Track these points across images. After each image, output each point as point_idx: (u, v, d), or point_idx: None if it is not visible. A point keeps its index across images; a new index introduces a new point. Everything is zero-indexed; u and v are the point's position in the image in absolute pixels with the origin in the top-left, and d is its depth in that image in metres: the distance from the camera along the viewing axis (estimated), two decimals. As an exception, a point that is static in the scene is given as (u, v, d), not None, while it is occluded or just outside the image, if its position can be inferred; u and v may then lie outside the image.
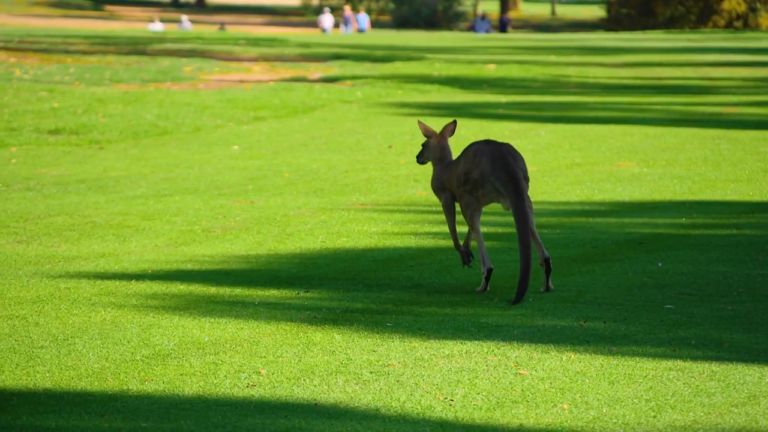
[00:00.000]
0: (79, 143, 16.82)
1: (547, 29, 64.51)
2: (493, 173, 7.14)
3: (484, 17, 58.89)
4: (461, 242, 7.55)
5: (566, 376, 5.53)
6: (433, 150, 7.63)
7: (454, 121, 7.71)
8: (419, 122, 7.76)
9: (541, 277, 7.30)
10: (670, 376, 5.54)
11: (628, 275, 7.61)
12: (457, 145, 7.96)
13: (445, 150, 7.60)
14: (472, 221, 7.27)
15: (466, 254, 7.49)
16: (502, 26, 60.73)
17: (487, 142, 7.33)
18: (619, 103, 21.61)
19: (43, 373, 5.53)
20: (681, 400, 5.24)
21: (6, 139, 16.81)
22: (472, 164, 7.22)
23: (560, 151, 14.54)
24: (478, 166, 7.19)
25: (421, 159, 7.71)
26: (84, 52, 33.95)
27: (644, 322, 6.46)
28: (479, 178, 7.17)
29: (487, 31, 57.10)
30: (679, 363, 5.73)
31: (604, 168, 12.89)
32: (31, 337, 6.13)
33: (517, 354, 5.87)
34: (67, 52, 34.04)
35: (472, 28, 59.59)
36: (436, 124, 18.52)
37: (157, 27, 52.30)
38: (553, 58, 33.99)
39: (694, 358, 5.80)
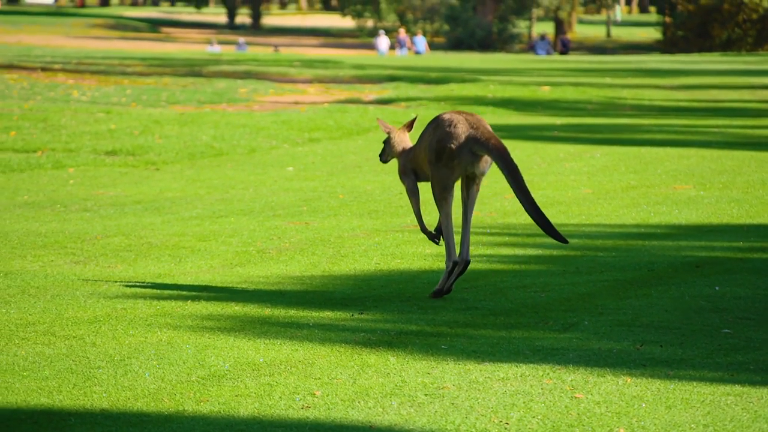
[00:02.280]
0: (135, 164, 16.95)
1: (602, 51, 64.33)
2: (471, 137, 7.28)
3: (543, 38, 58.85)
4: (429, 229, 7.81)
5: (622, 401, 5.49)
6: (394, 145, 7.83)
7: (414, 118, 7.93)
8: (378, 119, 7.99)
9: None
10: (728, 401, 5.48)
11: (685, 299, 7.55)
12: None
13: (404, 141, 7.82)
14: (446, 203, 7.43)
15: (433, 235, 7.73)
16: (563, 47, 60.62)
17: (458, 112, 7.45)
18: (676, 126, 21.48)
19: (100, 394, 5.56)
20: (739, 426, 5.18)
21: (64, 160, 16.97)
22: (444, 133, 7.32)
23: (616, 174, 14.47)
24: (452, 134, 7.29)
25: (383, 157, 7.93)
26: (141, 74, 34.23)
27: (701, 346, 6.41)
28: (456, 144, 7.27)
29: (547, 52, 57.09)
30: (737, 388, 5.67)
31: (660, 191, 12.82)
32: (88, 358, 6.17)
33: (572, 377, 5.84)
34: (124, 73, 34.34)
35: (532, 49, 59.57)
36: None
37: (215, 49, 52.68)
38: (608, 80, 33.86)
39: (753, 383, 5.74)
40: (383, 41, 57.02)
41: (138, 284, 8.19)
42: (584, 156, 16.61)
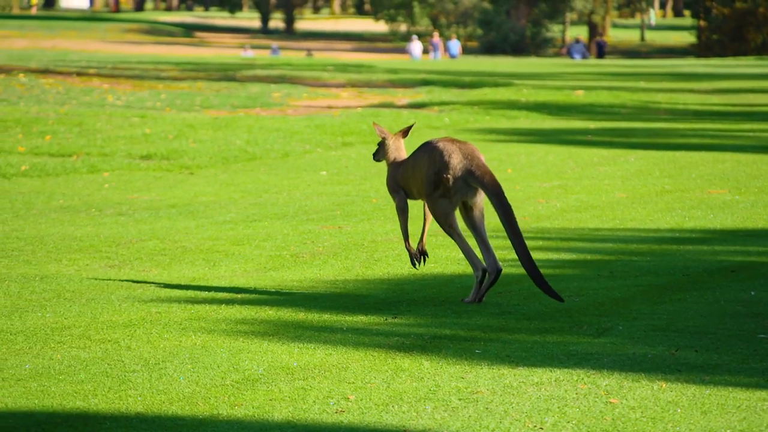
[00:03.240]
0: (170, 168, 17.01)
1: (636, 55, 64.11)
2: (466, 169, 7.38)
3: (578, 41, 58.79)
4: (414, 245, 7.91)
5: (657, 406, 5.47)
6: (388, 150, 7.94)
7: (412, 125, 8.11)
8: (374, 124, 8.06)
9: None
10: (764, 407, 5.45)
11: (720, 304, 7.51)
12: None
13: (399, 150, 7.93)
14: (452, 228, 7.53)
15: (416, 256, 7.83)
16: (599, 50, 60.48)
17: (451, 140, 7.55)
18: (710, 130, 21.38)
19: (135, 397, 5.59)
20: (775, 432, 5.15)
21: (99, 165, 17.06)
22: (440, 164, 7.43)
23: (650, 178, 14.42)
24: (447, 164, 7.40)
25: (377, 157, 8.04)
26: (175, 79, 34.37)
27: (737, 351, 6.37)
28: (452, 176, 7.38)
29: (583, 55, 57.02)
30: (773, 393, 5.63)
31: (695, 195, 12.76)
32: (123, 361, 6.19)
33: (607, 382, 5.81)
34: (159, 78, 34.49)
35: (568, 53, 59.54)
36: (524, 150, 18.49)
37: (249, 54, 52.87)
38: (642, 84, 33.74)
39: (789, 389, 5.70)
40: (416, 46, 57.05)
41: (172, 288, 8.22)
42: (618, 160, 16.55)
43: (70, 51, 51.95)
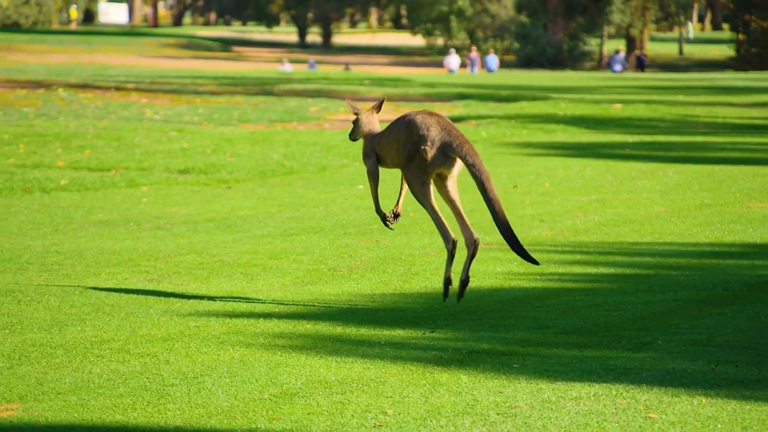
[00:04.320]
0: (207, 182, 17.08)
1: (674, 68, 63.86)
2: (444, 140, 7.48)
3: (618, 52, 58.70)
4: (387, 211, 8.15)
5: (697, 421, 5.43)
6: (363, 125, 8.04)
7: (383, 99, 8.17)
8: (347, 100, 8.28)
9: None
10: (806, 423, 5.40)
11: (761, 318, 7.46)
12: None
13: (373, 124, 8.03)
14: (427, 198, 7.64)
15: (389, 218, 7.97)
16: (639, 64, 60.31)
17: (429, 113, 7.65)
18: (749, 144, 21.26)
19: (174, 411, 5.60)
20: (817, 448, 5.10)
21: (137, 179, 17.14)
22: (418, 137, 7.53)
23: (689, 192, 14.35)
24: (425, 137, 7.50)
25: (352, 136, 8.13)
26: (213, 93, 34.52)
27: (777, 366, 6.32)
28: (430, 147, 7.47)
29: (623, 67, 56.90)
30: (815, 409, 5.58)
31: (734, 209, 12.68)
32: (162, 375, 6.21)
33: (646, 397, 5.78)
34: (197, 92, 34.65)
35: (608, 65, 59.47)
36: (562, 164, 18.44)
37: (287, 68, 53.05)
38: (680, 97, 33.61)
39: (831, 405, 5.65)
40: (454, 60, 57.07)
41: (210, 302, 8.24)
42: (657, 174, 16.48)
43: (109, 66, 52.28)
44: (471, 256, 7.68)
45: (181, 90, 35.37)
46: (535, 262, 7.50)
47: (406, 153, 7.58)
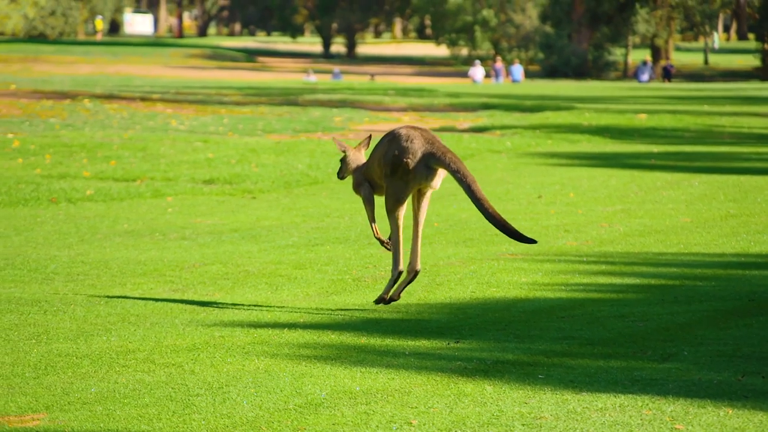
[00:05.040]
0: (232, 193, 17.11)
1: (699, 78, 63.68)
2: (427, 152, 7.64)
3: (646, 62, 58.58)
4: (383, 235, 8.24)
5: (724, 433, 5.41)
6: (350, 162, 8.21)
7: (369, 136, 8.32)
8: (334, 139, 8.36)
9: None
10: (833, 435, 5.37)
11: (787, 329, 7.42)
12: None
13: (359, 159, 8.20)
14: (396, 217, 7.83)
15: (383, 241, 8.11)
16: (666, 74, 60.15)
17: (413, 127, 7.80)
18: (775, 153, 21.17)
19: (199, 421, 5.61)
20: None
21: (162, 189, 17.20)
22: (401, 148, 7.67)
23: (714, 202, 14.30)
24: (408, 149, 7.65)
25: (341, 174, 8.31)
26: (237, 103, 34.61)
27: (804, 377, 6.28)
28: (412, 159, 7.63)
29: (650, 77, 56.79)
30: (842, 421, 5.55)
31: (760, 219, 12.63)
32: (187, 385, 6.22)
33: (672, 408, 5.76)
34: (222, 103, 34.74)
35: (635, 76, 59.39)
36: (587, 174, 18.39)
37: (312, 79, 53.19)
38: (706, 107, 33.52)
39: None
40: (479, 71, 57.06)
41: (235, 312, 8.26)
42: (682, 184, 16.44)
43: (134, 76, 52.48)
44: (408, 282, 7.98)
45: (206, 100, 35.47)
46: (533, 241, 7.75)
47: (389, 165, 7.73)
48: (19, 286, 9.48)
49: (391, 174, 7.73)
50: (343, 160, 8.24)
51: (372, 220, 8.13)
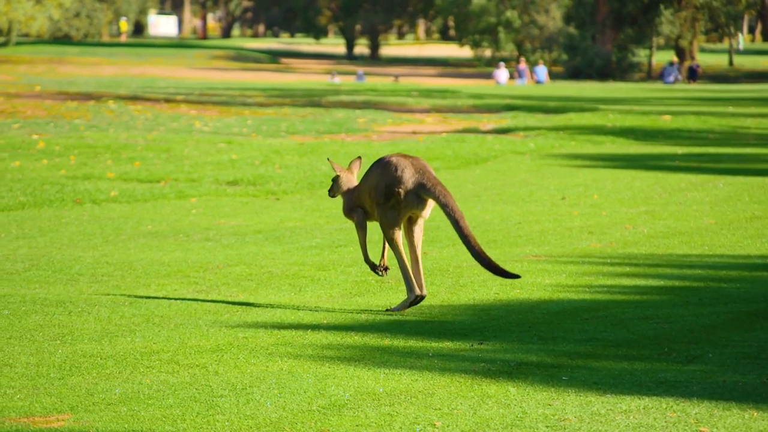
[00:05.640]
0: (256, 194, 17.14)
1: (724, 80, 63.46)
2: (418, 182, 7.79)
3: (672, 63, 58.40)
4: (378, 261, 8.35)
5: (748, 435, 5.39)
6: (342, 183, 8.41)
7: (359, 158, 8.54)
8: (329, 160, 8.63)
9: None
10: None
11: (812, 332, 7.39)
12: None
13: (351, 182, 8.40)
14: (396, 243, 7.94)
15: (375, 267, 8.22)
16: (692, 74, 59.91)
17: (404, 156, 7.96)
18: (800, 154, 21.08)
19: (223, 422, 5.62)
20: None
21: (186, 190, 17.24)
22: (392, 178, 7.84)
23: (739, 204, 14.25)
24: (400, 178, 7.82)
25: (332, 193, 8.50)
26: (261, 105, 34.65)
27: (830, 380, 6.25)
28: (404, 188, 7.79)
29: (675, 78, 56.59)
30: None
31: (785, 221, 12.58)
32: (211, 386, 6.24)
33: (697, 411, 5.74)
34: (245, 104, 34.80)
35: (661, 77, 59.21)
36: (611, 176, 18.34)
37: (336, 80, 53.27)
38: (731, 109, 33.40)
39: None
40: (502, 73, 56.98)
41: (259, 313, 8.27)
42: (707, 186, 16.38)
43: (159, 78, 52.62)
44: (411, 304, 8.07)
45: (230, 102, 35.53)
46: (517, 276, 7.93)
47: (381, 194, 7.88)
48: (44, 286, 9.52)
49: (384, 202, 7.88)
50: (336, 180, 8.43)
51: (363, 244, 8.26)
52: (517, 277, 7.90)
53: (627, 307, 8.24)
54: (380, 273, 8.30)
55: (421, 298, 8.07)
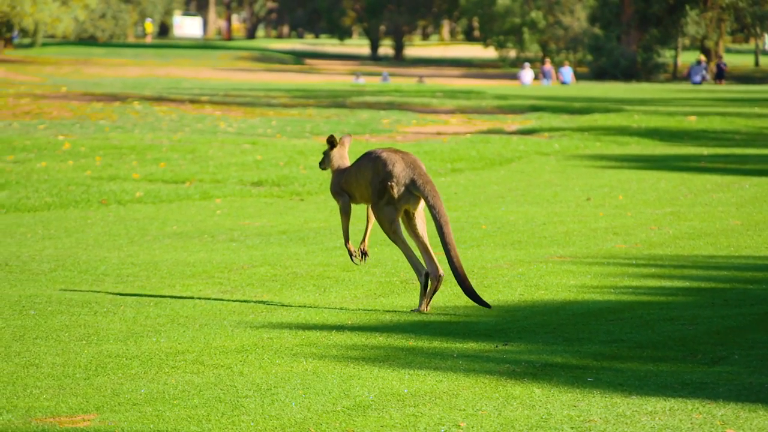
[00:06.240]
0: (280, 195, 17.16)
1: (750, 80, 63.20)
2: (409, 177, 7.92)
3: (699, 62, 58.21)
4: (356, 246, 8.55)
5: (775, 437, 5.36)
6: (334, 158, 8.44)
7: (349, 135, 8.64)
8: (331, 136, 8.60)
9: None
10: None
11: (839, 333, 7.35)
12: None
13: (343, 158, 8.44)
14: (397, 235, 8.08)
15: (356, 254, 8.36)
16: (719, 72, 59.67)
17: (394, 151, 8.07)
18: (827, 155, 20.98)
19: (248, 423, 5.63)
20: None
21: (211, 191, 17.27)
22: (385, 173, 7.96)
23: (765, 205, 14.19)
24: (392, 174, 7.93)
25: (323, 166, 8.57)
26: (285, 105, 34.70)
27: None
28: (396, 184, 7.91)
29: (702, 77, 56.40)
30: None
31: (811, 222, 12.52)
32: (236, 387, 6.25)
33: (723, 412, 5.72)
34: (270, 105, 34.85)
35: (688, 76, 59.04)
36: (636, 177, 18.29)
37: (361, 81, 53.30)
38: (757, 109, 33.26)
39: None
40: (527, 74, 56.88)
41: (284, 314, 8.28)
42: (733, 187, 16.32)
43: (184, 78, 52.76)
44: (434, 290, 8.15)
45: (255, 103, 35.59)
46: (487, 305, 7.99)
47: (375, 191, 7.99)
48: (69, 287, 9.56)
49: (379, 199, 7.99)
50: (326, 154, 8.49)
51: (346, 229, 8.36)
52: (488, 306, 8.00)
53: (652, 309, 8.22)
54: (355, 261, 8.43)
55: (438, 279, 8.07)
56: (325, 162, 8.52)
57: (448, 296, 8.91)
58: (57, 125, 26.82)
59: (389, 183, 7.92)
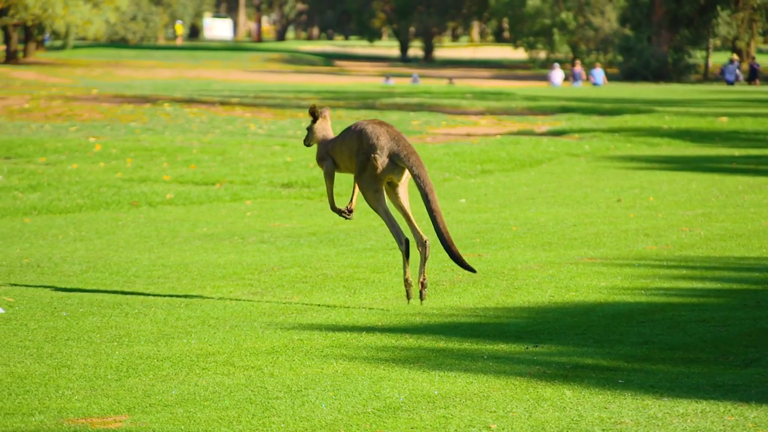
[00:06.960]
0: (310, 196, 17.18)
1: (781, 80, 62.82)
2: (393, 150, 8.06)
3: (732, 62, 57.94)
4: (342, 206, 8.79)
5: (808, 440, 5.33)
6: (317, 132, 8.61)
7: (328, 108, 8.77)
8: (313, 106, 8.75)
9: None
10: None
11: None
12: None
13: (326, 130, 8.61)
14: (380, 203, 8.23)
15: (344, 212, 8.53)
16: (752, 72, 59.38)
17: (379, 123, 8.20)
18: None
19: (279, 424, 5.64)
20: None
21: (242, 193, 17.31)
22: (369, 146, 8.10)
23: (797, 206, 14.11)
24: (376, 146, 8.07)
25: (307, 141, 8.73)
26: (315, 107, 34.69)
27: None
28: (380, 156, 8.03)
29: (735, 77, 56.14)
30: None
31: (844, 223, 12.44)
32: (266, 388, 6.26)
33: (755, 414, 5.69)
34: (299, 106, 34.90)
35: (721, 75, 58.80)
36: (667, 178, 18.21)
37: (391, 82, 53.34)
38: (788, 109, 33.06)
39: None
40: (557, 74, 56.75)
41: (314, 315, 8.29)
42: (765, 188, 16.23)
43: (214, 80, 52.89)
44: (424, 258, 8.28)
45: (285, 104, 35.66)
46: (473, 270, 8.13)
47: (359, 163, 8.14)
48: (101, 288, 9.60)
49: (362, 171, 8.14)
50: (310, 129, 8.64)
51: (330, 192, 8.57)
52: (473, 270, 8.12)
53: (684, 310, 8.18)
54: (346, 216, 8.57)
55: (424, 245, 8.19)
56: (309, 137, 8.69)
57: (478, 298, 8.90)
58: (88, 127, 26.94)
59: (373, 155, 8.07)
